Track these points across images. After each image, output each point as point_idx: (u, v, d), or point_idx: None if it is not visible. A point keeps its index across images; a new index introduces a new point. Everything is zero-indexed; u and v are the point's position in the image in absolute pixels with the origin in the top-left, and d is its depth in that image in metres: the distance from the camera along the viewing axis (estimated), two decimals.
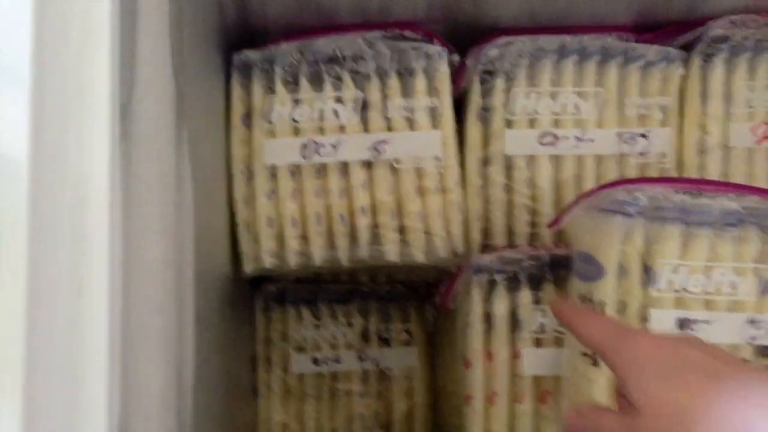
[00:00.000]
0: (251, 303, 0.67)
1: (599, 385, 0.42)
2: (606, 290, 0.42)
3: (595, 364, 0.42)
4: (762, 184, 0.52)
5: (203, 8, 0.42)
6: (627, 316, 0.42)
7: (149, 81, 0.25)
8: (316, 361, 0.66)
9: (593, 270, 0.43)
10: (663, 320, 0.42)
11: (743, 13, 0.53)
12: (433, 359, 0.67)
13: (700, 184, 0.43)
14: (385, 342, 0.67)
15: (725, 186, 0.43)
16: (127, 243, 0.21)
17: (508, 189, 0.53)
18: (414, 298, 0.68)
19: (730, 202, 0.42)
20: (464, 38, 0.55)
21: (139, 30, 0.24)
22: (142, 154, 0.23)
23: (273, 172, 0.51)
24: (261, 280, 0.66)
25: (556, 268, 0.49)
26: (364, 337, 0.66)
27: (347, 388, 0.66)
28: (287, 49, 0.50)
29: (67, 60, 0.20)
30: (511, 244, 0.54)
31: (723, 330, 0.42)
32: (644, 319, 0.42)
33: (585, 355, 0.43)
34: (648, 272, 0.42)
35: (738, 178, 0.52)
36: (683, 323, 0.42)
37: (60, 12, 0.20)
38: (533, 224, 0.53)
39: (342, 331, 0.66)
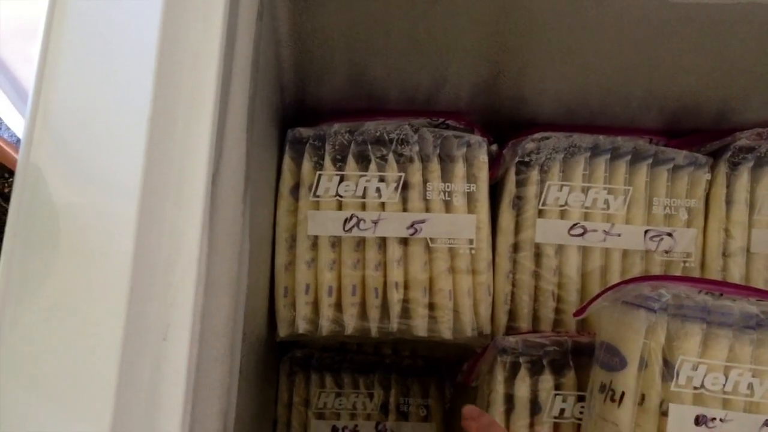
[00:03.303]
0: (277, 367, 0.68)
1: None
2: (627, 381, 0.44)
3: None
4: None
5: (269, 90, 0.46)
6: (646, 408, 0.44)
7: (231, 153, 0.28)
8: (335, 429, 0.67)
9: (616, 360, 0.45)
10: (682, 415, 0.43)
11: None
12: None
13: (722, 286, 0.45)
14: (403, 415, 0.68)
15: (746, 290, 0.45)
16: (207, 296, 0.24)
17: (536, 275, 0.55)
18: (434, 374, 0.69)
19: (751, 306, 0.44)
20: (504, 130, 0.59)
21: (230, 108, 0.27)
22: (222, 219, 0.26)
23: (314, 242, 0.54)
24: (289, 345, 0.69)
25: (577, 356, 0.51)
26: (384, 408, 0.67)
27: None
28: (338, 129, 0.54)
29: (174, 132, 0.23)
30: (535, 329, 0.56)
31: (740, 430, 0.43)
32: (664, 413, 0.43)
33: None
34: (668, 367, 0.44)
35: (759, 282, 0.54)
36: (701, 419, 0.43)
37: (171, 96, 0.23)
38: (558, 311, 0.55)
39: (362, 401, 0.67)
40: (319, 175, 0.53)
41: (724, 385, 0.43)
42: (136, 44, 0.24)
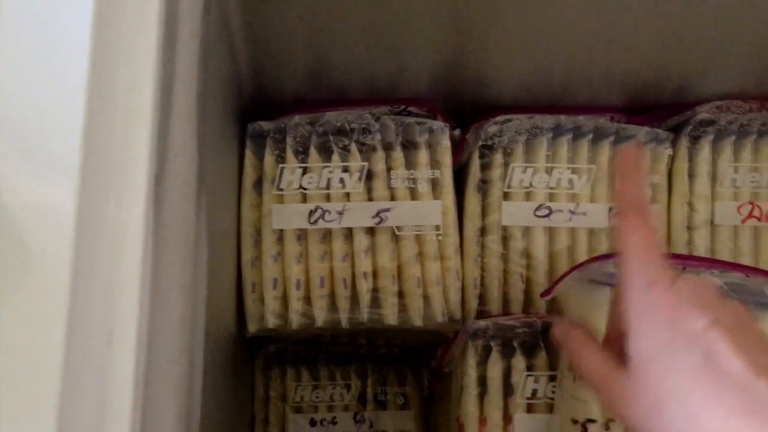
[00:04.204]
0: (251, 363, 0.68)
1: None
2: None
3: (584, 430, 0.44)
4: (747, 261, 0.54)
5: (223, 85, 0.46)
6: None
7: (178, 153, 0.27)
8: (312, 422, 0.67)
9: None
10: None
11: (728, 99, 0.56)
12: (427, 423, 0.68)
13: (686, 260, 0.45)
14: (381, 404, 0.68)
15: (709, 262, 0.45)
16: (154, 298, 0.23)
17: (504, 258, 0.55)
18: (411, 362, 0.69)
19: (714, 278, 0.44)
20: (467, 114, 0.59)
21: (174, 107, 0.27)
22: (170, 219, 0.26)
23: (280, 236, 0.53)
24: (262, 340, 0.68)
25: (548, 336, 0.51)
26: (361, 399, 0.67)
27: None
28: (299, 121, 0.53)
29: (112, 134, 0.23)
30: (505, 311, 0.56)
31: None
32: None
33: (574, 422, 0.44)
34: None
35: (724, 255, 0.54)
36: None
37: (106, 91, 0.23)
38: (527, 292, 0.55)
39: (339, 392, 0.67)
40: (282, 169, 0.53)
41: None
42: (68, 44, 0.23)
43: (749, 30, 0.50)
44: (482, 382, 0.51)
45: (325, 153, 0.53)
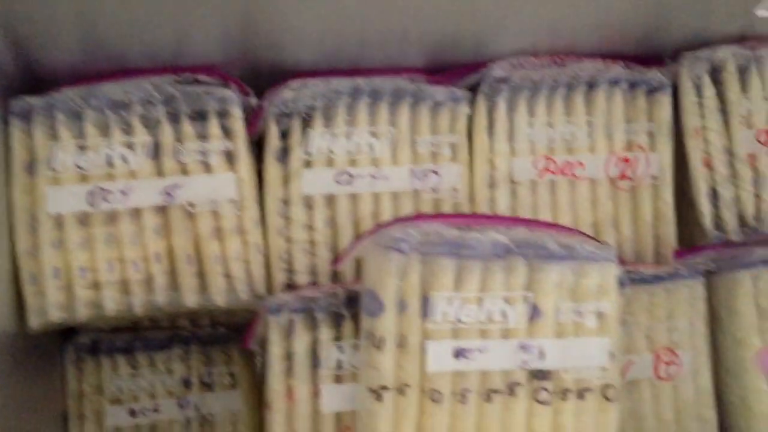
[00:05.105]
0: (61, 356, 0.64)
1: (382, 419, 0.43)
2: (386, 325, 0.43)
3: (378, 399, 0.43)
4: (545, 215, 0.55)
5: None
6: (408, 349, 0.43)
7: None
8: (132, 413, 0.63)
9: (375, 305, 0.44)
10: (439, 351, 0.43)
11: (522, 55, 0.57)
12: (260, 401, 0.66)
13: (471, 219, 0.45)
14: (207, 387, 0.65)
15: (494, 219, 0.45)
16: None
17: (309, 228, 0.54)
18: (238, 341, 0.67)
19: (499, 235, 0.45)
20: (266, 81, 0.56)
21: None
22: None
23: (59, 221, 0.49)
24: (72, 331, 0.64)
25: (353, 306, 0.50)
26: (186, 383, 0.64)
27: None
28: (72, 95, 0.49)
29: None
30: (315, 283, 0.54)
31: (496, 357, 0.44)
32: (423, 351, 0.44)
33: (370, 390, 0.44)
34: (425, 305, 0.44)
35: (524, 210, 0.55)
36: (459, 353, 0.43)
37: None
38: (335, 262, 0.53)
39: (161, 379, 0.64)
40: (55, 147, 0.49)
41: (478, 316, 0.44)
42: None
43: None
44: (288, 357, 0.49)
45: (104, 128, 0.50)
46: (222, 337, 0.66)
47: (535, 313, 0.45)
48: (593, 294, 0.45)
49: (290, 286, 0.54)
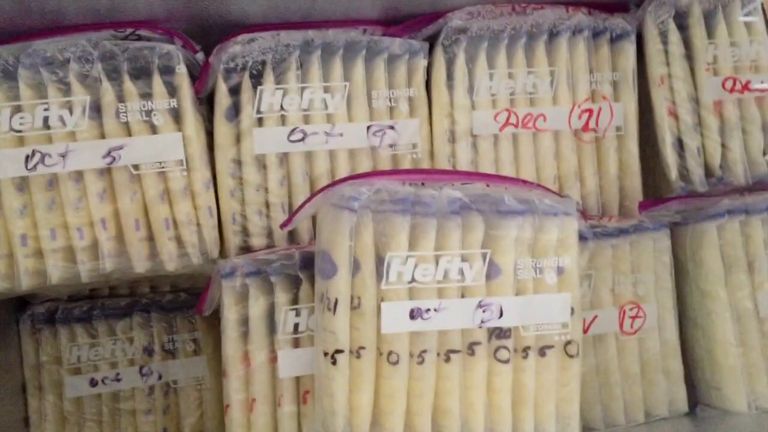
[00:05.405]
0: (16, 327, 0.62)
1: (338, 384, 0.42)
2: (339, 287, 0.42)
3: (334, 363, 0.42)
4: (507, 169, 0.54)
5: None
6: (362, 311, 0.42)
7: None
8: (93, 383, 0.62)
9: (329, 267, 0.43)
10: (395, 312, 0.42)
11: (481, 3, 0.54)
12: None
13: (425, 174, 0.43)
14: (170, 354, 0.64)
15: (450, 175, 0.44)
16: None
17: (263, 189, 0.52)
18: None
19: (454, 191, 0.43)
20: (214, 36, 0.53)
21: None
22: None
23: None
24: (25, 301, 0.62)
25: (309, 267, 0.48)
26: (147, 351, 0.63)
27: (130, 407, 0.62)
28: (1, 53, 0.46)
29: None
30: (270, 245, 0.52)
31: (454, 316, 0.43)
32: (378, 313, 0.42)
33: (325, 354, 0.42)
34: (379, 266, 0.42)
35: (485, 165, 0.53)
36: (415, 313, 0.42)
37: None
38: (284, 224, 0.51)
39: (121, 347, 0.62)
40: None
41: (435, 275, 0.42)
42: None
43: None
44: (244, 322, 0.48)
45: (38, 88, 0.47)
46: (184, 303, 0.64)
47: (493, 270, 0.43)
48: (553, 249, 0.44)
49: (246, 249, 0.52)
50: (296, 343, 0.48)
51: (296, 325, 0.48)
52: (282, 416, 0.47)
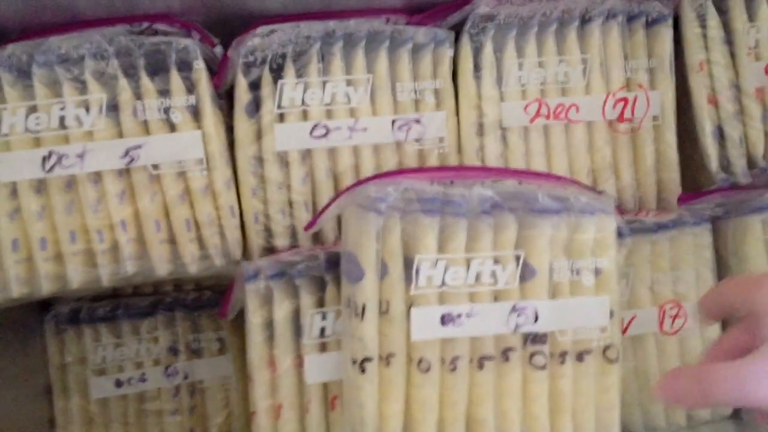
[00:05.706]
0: (41, 328, 0.61)
1: (367, 392, 0.40)
2: (366, 291, 0.40)
3: (362, 371, 0.40)
4: (538, 162, 0.51)
5: None
6: (392, 317, 0.40)
7: None
8: (118, 383, 0.61)
9: (355, 270, 0.41)
10: (425, 317, 0.40)
11: None
12: None
13: (453, 172, 0.41)
14: (195, 353, 0.63)
15: (482, 172, 0.42)
16: None
17: (286, 186, 0.50)
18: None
19: (485, 189, 0.41)
20: (233, 29, 0.52)
21: None
22: None
23: (13, 190, 0.46)
24: (50, 302, 0.61)
25: (335, 269, 0.47)
26: (173, 350, 0.62)
27: (157, 408, 0.61)
28: (13, 51, 0.45)
29: None
30: (294, 246, 0.51)
31: (487, 321, 0.41)
32: (408, 318, 0.40)
33: (353, 362, 0.41)
34: (409, 269, 0.40)
35: (516, 158, 0.51)
36: (446, 318, 0.40)
37: None
38: (308, 225, 0.50)
39: (146, 347, 0.62)
40: (2, 110, 0.45)
41: (466, 278, 0.41)
42: None
43: None
44: (268, 326, 0.46)
45: (55, 86, 0.46)
46: (208, 302, 0.63)
47: (527, 272, 0.41)
48: (590, 249, 0.42)
49: (269, 250, 0.51)
50: (323, 348, 0.47)
51: (323, 329, 0.46)
52: (310, 423, 0.46)
